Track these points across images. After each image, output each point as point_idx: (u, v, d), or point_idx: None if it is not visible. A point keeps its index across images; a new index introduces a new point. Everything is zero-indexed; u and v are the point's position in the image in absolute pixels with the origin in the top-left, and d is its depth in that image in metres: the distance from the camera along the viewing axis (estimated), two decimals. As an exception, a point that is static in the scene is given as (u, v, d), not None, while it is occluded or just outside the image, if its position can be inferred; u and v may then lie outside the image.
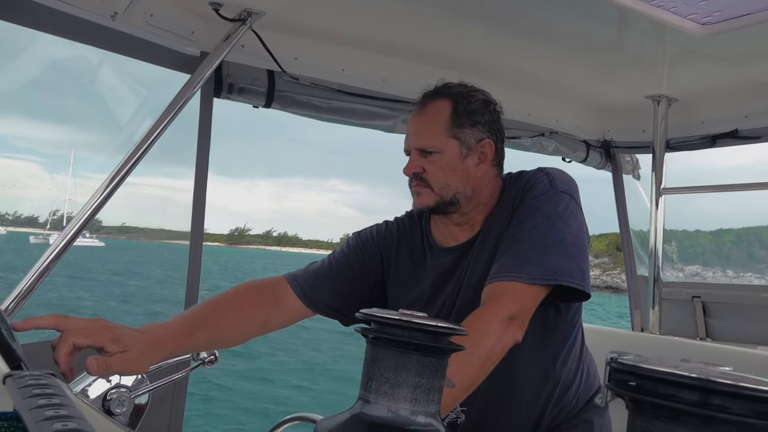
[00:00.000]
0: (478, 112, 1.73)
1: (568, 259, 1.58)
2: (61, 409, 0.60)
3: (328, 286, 1.81)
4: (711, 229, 4.26)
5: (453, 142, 1.70)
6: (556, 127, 3.29)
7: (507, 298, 1.51)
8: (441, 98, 1.74)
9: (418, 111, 1.77)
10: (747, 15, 1.97)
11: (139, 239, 72.48)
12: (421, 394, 0.71)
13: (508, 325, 1.46)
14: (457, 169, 1.70)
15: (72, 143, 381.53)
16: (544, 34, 2.34)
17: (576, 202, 1.69)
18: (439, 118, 1.71)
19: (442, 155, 1.69)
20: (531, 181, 1.71)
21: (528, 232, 1.60)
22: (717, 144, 3.11)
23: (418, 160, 1.71)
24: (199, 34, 2.23)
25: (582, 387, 1.79)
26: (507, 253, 1.59)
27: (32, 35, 1.95)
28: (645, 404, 0.59)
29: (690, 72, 2.68)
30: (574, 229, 1.64)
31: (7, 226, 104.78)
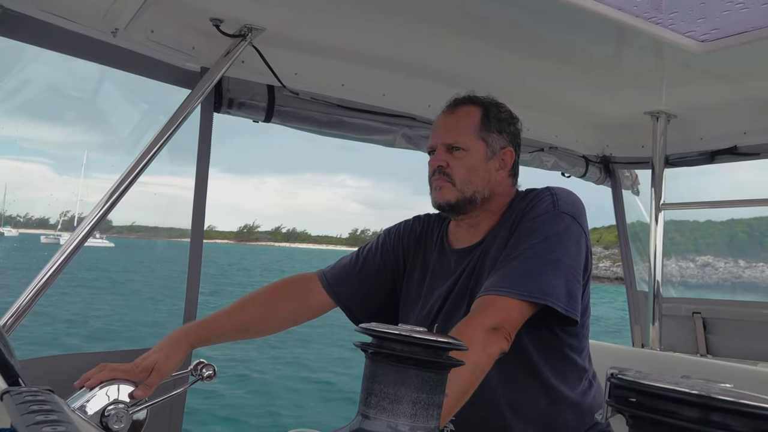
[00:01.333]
0: (505, 121, 1.84)
1: (559, 281, 1.58)
2: (58, 425, 0.59)
3: (353, 278, 1.96)
4: (722, 219, 4.22)
5: (480, 144, 1.78)
6: (555, 143, 3.29)
7: (492, 309, 1.53)
8: (472, 104, 1.83)
9: (448, 112, 1.85)
10: (745, 33, 1.98)
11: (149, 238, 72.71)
12: (420, 409, 0.71)
13: (492, 335, 1.48)
14: (480, 169, 1.78)
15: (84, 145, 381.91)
16: (543, 50, 2.35)
17: (578, 224, 1.69)
18: (470, 119, 1.80)
19: (468, 153, 1.77)
20: (535, 200, 1.73)
21: (524, 251, 1.62)
22: (716, 160, 3.12)
23: (443, 155, 1.78)
24: (200, 50, 2.24)
25: (585, 408, 1.77)
26: (500, 270, 1.61)
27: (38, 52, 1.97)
28: (645, 420, 0.59)
29: (689, 89, 2.68)
30: (572, 251, 1.64)
31: (19, 228, 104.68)
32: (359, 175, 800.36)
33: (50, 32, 1.95)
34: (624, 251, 3.63)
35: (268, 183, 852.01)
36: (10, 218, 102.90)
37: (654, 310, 3.20)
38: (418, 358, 0.70)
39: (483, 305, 1.55)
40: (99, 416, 1.52)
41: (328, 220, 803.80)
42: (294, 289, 1.97)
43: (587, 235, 1.71)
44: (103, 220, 2.04)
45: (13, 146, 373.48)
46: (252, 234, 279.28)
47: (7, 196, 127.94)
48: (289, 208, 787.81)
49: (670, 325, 3.29)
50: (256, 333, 1.96)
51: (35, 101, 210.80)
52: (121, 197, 2.05)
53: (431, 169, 1.80)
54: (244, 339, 2.02)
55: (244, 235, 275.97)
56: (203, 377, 1.80)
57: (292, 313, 1.95)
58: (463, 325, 1.50)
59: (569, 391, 1.75)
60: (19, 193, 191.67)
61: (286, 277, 2.02)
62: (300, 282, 1.99)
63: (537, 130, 3.19)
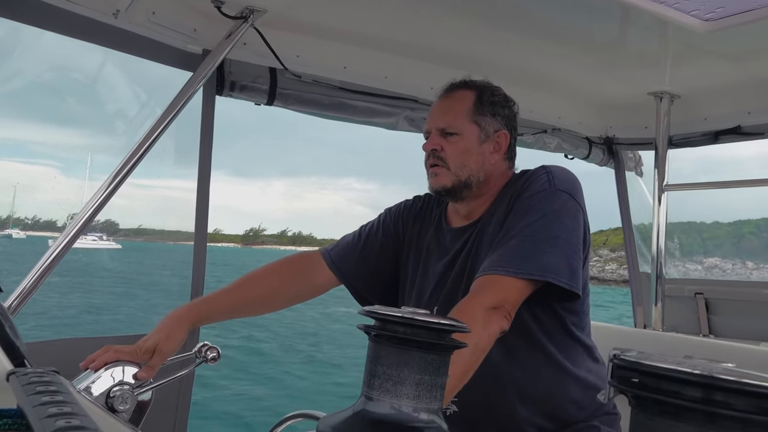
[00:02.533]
0: (499, 104, 1.84)
1: (559, 257, 1.59)
2: (64, 406, 0.60)
3: (356, 256, 1.98)
4: (730, 221, 4.21)
5: (473, 127, 1.79)
6: (558, 124, 3.28)
7: (490, 289, 1.54)
8: (466, 88, 1.84)
9: (444, 96, 1.87)
10: (750, 11, 1.96)
11: (156, 241, 73.44)
12: (423, 391, 0.71)
13: (492, 314, 1.49)
14: (473, 152, 1.79)
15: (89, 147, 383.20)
16: (546, 31, 2.33)
17: (575, 200, 1.70)
18: (463, 103, 1.81)
19: (461, 137, 1.78)
20: (531, 178, 1.74)
21: (521, 230, 1.63)
22: (719, 140, 3.11)
23: (437, 138, 1.80)
24: (201, 32, 2.23)
25: (590, 385, 1.78)
26: (499, 249, 1.62)
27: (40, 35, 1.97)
28: (648, 401, 0.59)
29: (692, 68, 2.67)
30: (570, 227, 1.65)
31: (27, 230, 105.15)
32: (365, 178, 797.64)
33: (51, 13, 1.94)
34: (627, 233, 3.62)
35: (273, 186, 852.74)
36: (18, 220, 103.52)
37: (657, 290, 3.21)
38: (420, 340, 0.70)
39: (482, 285, 1.56)
40: (104, 397, 1.53)
41: (334, 223, 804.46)
42: (298, 267, 1.99)
43: (584, 211, 1.72)
44: (104, 209, 2.04)
45: (21, 149, 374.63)
46: (258, 237, 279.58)
47: (15, 199, 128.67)
48: (295, 211, 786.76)
49: (673, 305, 3.30)
50: (259, 311, 1.97)
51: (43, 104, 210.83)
52: (125, 179, 2.05)
53: (426, 153, 1.82)
54: (246, 316, 2.03)
55: (250, 238, 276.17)
56: (207, 359, 1.82)
57: (297, 290, 1.98)
58: (463, 305, 1.52)
59: (574, 367, 1.76)
60: (28, 195, 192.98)
61: (289, 256, 2.04)
62: (304, 260, 2.01)
63: (540, 111, 3.17)
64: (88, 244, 75.88)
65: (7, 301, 1.85)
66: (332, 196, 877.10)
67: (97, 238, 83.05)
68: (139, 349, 1.64)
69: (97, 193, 2.03)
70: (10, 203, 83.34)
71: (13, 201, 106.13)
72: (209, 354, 1.82)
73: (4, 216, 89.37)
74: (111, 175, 2.05)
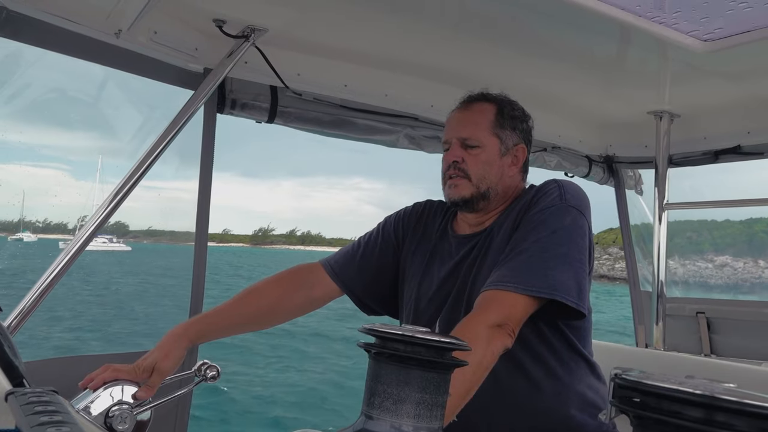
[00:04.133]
0: (518, 119, 1.87)
1: (568, 275, 1.59)
2: (62, 426, 0.59)
3: (356, 264, 1.98)
4: (741, 219, 4.17)
5: (494, 140, 1.81)
6: (558, 143, 3.29)
7: (495, 305, 1.53)
8: (486, 101, 1.85)
9: (463, 108, 1.87)
10: (749, 32, 1.97)
11: (166, 242, 73.40)
12: (423, 410, 0.71)
13: (495, 331, 1.48)
14: (494, 165, 1.80)
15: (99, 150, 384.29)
16: (546, 50, 2.35)
17: (585, 217, 1.70)
18: (484, 116, 1.82)
19: (483, 149, 1.79)
20: (542, 192, 1.74)
21: (531, 245, 1.62)
22: (719, 160, 3.11)
23: (459, 150, 1.80)
24: (203, 51, 2.24)
25: (587, 407, 1.76)
26: (507, 264, 1.61)
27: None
28: (649, 421, 0.59)
29: (692, 88, 2.68)
30: (579, 245, 1.65)
31: (38, 233, 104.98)
32: (373, 177, 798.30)
33: (53, 34, 1.96)
34: (627, 251, 3.62)
35: (282, 186, 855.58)
36: (29, 224, 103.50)
37: (658, 309, 3.20)
38: (421, 358, 0.70)
39: (487, 301, 1.55)
40: (103, 417, 1.52)
41: (342, 222, 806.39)
42: (298, 279, 1.97)
43: (591, 230, 1.72)
44: (108, 221, 2.05)
45: (32, 153, 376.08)
46: (267, 237, 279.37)
47: (26, 202, 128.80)
48: (304, 211, 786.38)
49: (674, 324, 3.29)
50: (260, 325, 1.96)
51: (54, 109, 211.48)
52: (125, 197, 2.05)
53: (446, 164, 1.82)
54: (247, 332, 2.02)
55: (259, 238, 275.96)
56: (207, 378, 1.81)
57: (298, 303, 1.95)
58: (467, 322, 1.51)
59: (574, 383, 1.75)
60: (38, 198, 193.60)
61: (290, 268, 2.01)
62: (304, 271, 2.00)
63: (540, 130, 3.15)
64: (98, 246, 75.97)
65: (7, 319, 1.85)
66: (341, 196, 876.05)
67: (107, 240, 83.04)
68: (138, 367, 1.64)
69: (101, 208, 2.03)
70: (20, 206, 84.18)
71: (23, 204, 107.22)
72: (209, 372, 1.81)
73: (16, 219, 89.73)
74: (115, 188, 2.05)
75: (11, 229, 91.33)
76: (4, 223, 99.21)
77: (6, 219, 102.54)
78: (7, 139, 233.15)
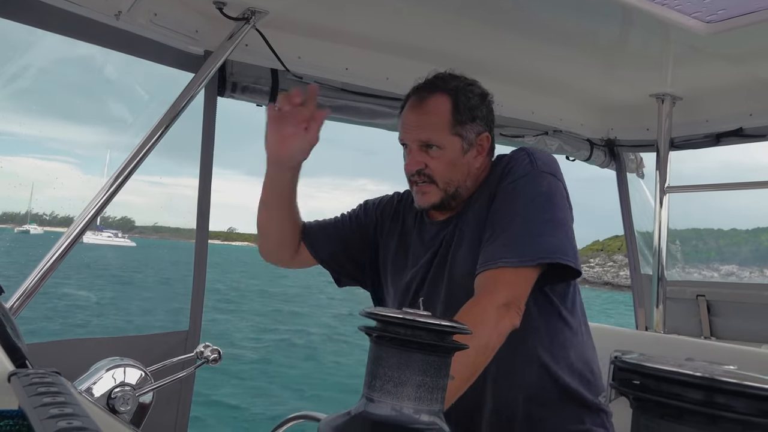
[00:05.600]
0: (477, 107, 1.75)
1: (561, 237, 1.58)
2: (65, 407, 0.60)
3: (328, 238, 1.97)
4: (748, 228, 4.16)
5: (455, 140, 1.72)
6: (559, 126, 3.28)
7: (499, 285, 1.52)
8: (439, 93, 1.74)
9: (417, 105, 1.76)
10: (752, 13, 1.96)
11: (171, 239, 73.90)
12: (424, 392, 0.71)
13: (504, 312, 1.48)
14: (458, 164, 1.73)
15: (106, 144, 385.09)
16: (548, 32, 2.33)
17: (559, 180, 1.68)
18: (440, 115, 1.72)
19: (444, 151, 1.71)
20: (512, 162, 1.71)
21: (513, 218, 1.61)
22: (721, 142, 3.10)
23: (419, 155, 1.73)
24: (203, 33, 2.23)
25: (579, 384, 1.73)
26: (495, 241, 1.59)
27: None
28: (649, 403, 0.59)
29: (694, 70, 2.67)
30: (561, 207, 1.64)
31: (45, 225, 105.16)
32: (379, 179, 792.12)
33: (53, 14, 1.94)
34: (628, 235, 3.62)
35: None
36: (36, 216, 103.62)
37: (658, 292, 3.21)
38: (421, 341, 0.70)
39: (490, 281, 1.54)
40: (106, 398, 1.53)
41: None
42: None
43: (567, 191, 1.70)
44: (105, 211, 2.05)
45: (39, 146, 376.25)
46: None
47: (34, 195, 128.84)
48: (309, 211, 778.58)
49: (674, 307, 3.29)
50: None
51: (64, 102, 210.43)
52: (126, 181, 2.05)
53: (409, 171, 1.76)
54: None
55: None
56: (208, 360, 1.82)
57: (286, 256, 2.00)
58: (473, 305, 1.50)
59: (560, 364, 1.71)
60: (45, 191, 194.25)
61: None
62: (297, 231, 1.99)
63: (541, 113, 3.17)
64: (103, 240, 75.95)
65: (9, 301, 1.86)
66: (346, 197, 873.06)
67: (113, 235, 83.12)
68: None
69: (99, 194, 2.03)
70: (27, 199, 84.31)
71: (30, 197, 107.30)
72: (210, 355, 1.82)
73: (23, 212, 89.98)
74: (112, 176, 2.05)
75: (18, 221, 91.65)
76: (11, 214, 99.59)
77: (13, 211, 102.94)
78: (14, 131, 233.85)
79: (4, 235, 62.25)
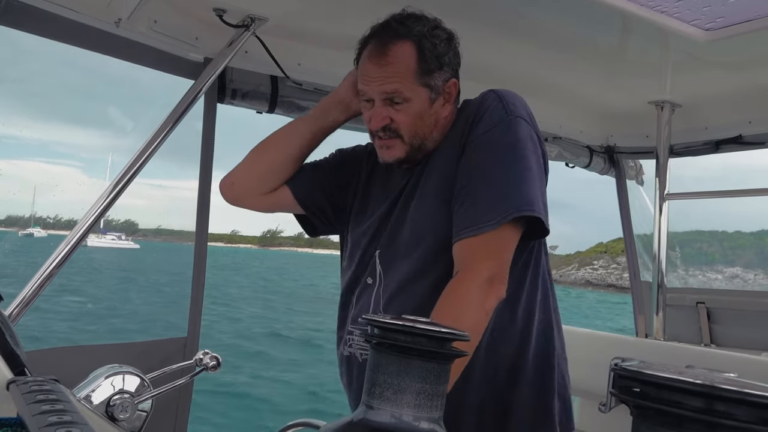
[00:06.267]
0: (444, 53, 1.64)
1: (534, 191, 1.51)
2: (64, 414, 0.60)
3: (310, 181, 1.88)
4: (752, 230, 4.14)
5: (422, 90, 1.61)
6: (559, 133, 3.28)
7: (480, 258, 1.46)
8: (403, 40, 1.61)
9: (378, 53, 1.63)
10: (751, 21, 1.97)
11: (173, 241, 73.36)
12: (424, 399, 0.71)
13: (487, 288, 1.44)
14: (425, 116, 1.63)
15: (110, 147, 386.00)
16: (547, 39, 2.34)
17: (533, 126, 1.61)
18: (405, 65, 1.59)
19: (411, 104, 1.61)
20: (483, 107, 1.61)
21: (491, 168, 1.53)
22: (720, 150, 3.11)
23: (384, 110, 1.62)
24: (203, 40, 2.24)
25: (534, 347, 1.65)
26: (474, 203, 1.52)
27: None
28: (649, 410, 0.59)
29: (693, 78, 2.67)
30: (538, 155, 1.58)
31: (48, 228, 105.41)
32: None
33: (53, 22, 1.95)
34: (628, 242, 3.62)
35: None
36: (40, 219, 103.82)
37: (658, 300, 3.20)
38: (421, 348, 0.70)
39: (470, 253, 1.48)
40: (105, 406, 1.53)
41: None
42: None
43: (540, 138, 1.63)
44: (107, 214, 2.05)
45: (45, 150, 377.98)
46: (275, 239, 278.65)
47: (38, 198, 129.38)
48: None
49: (674, 315, 3.29)
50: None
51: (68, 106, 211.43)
52: (126, 186, 2.05)
53: (372, 126, 1.66)
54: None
55: (267, 240, 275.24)
56: (208, 367, 1.81)
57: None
58: (457, 284, 1.45)
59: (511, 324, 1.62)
60: (49, 195, 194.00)
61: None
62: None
63: (541, 120, 3.12)
64: (107, 243, 75.89)
65: (8, 308, 1.85)
66: None
67: (116, 238, 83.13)
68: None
69: (100, 199, 2.03)
70: (30, 203, 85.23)
71: (33, 200, 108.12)
72: (210, 362, 1.82)
73: (27, 215, 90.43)
74: (116, 177, 2.05)
75: (22, 224, 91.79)
76: (15, 218, 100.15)
77: (17, 214, 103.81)
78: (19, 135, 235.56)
79: (8, 237, 62.30)
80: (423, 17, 1.67)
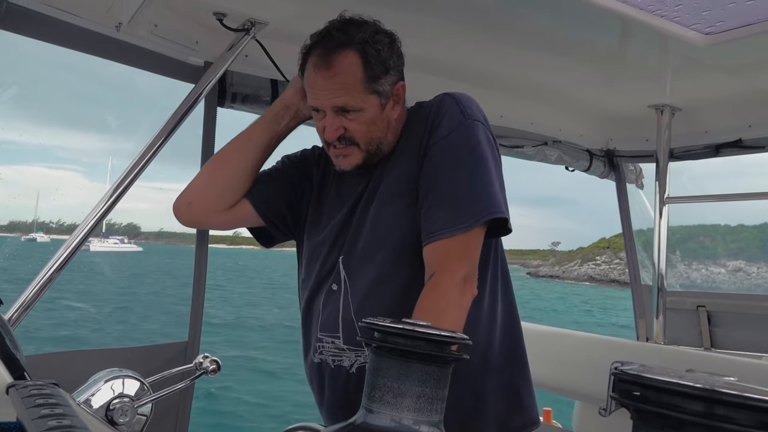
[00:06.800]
0: (389, 58, 1.66)
1: (498, 191, 1.56)
2: (63, 419, 0.59)
3: (268, 191, 1.86)
4: (755, 223, 4.13)
5: (372, 98, 1.62)
6: (559, 136, 3.29)
7: (454, 259, 1.50)
8: (347, 49, 1.61)
9: (323, 65, 1.61)
10: (750, 25, 1.97)
11: (176, 244, 73.59)
12: (424, 403, 0.71)
13: (463, 287, 1.48)
14: (377, 121, 1.64)
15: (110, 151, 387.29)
16: (547, 43, 2.34)
17: (488, 127, 1.64)
18: (352, 75, 1.60)
19: (363, 112, 1.62)
20: (441, 111, 1.64)
21: (454, 172, 1.57)
22: (720, 153, 3.12)
23: (337, 120, 1.63)
24: (203, 44, 2.24)
25: (500, 335, 1.69)
26: (442, 206, 1.55)
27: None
28: (649, 414, 0.59)
29: (693, 81, 2.68)
30: (496, 157, 1.62)
31: (51, 233, 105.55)
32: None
33: (54, 27, 1.95)
34: (628, 246, 3.62)
35: None
36: (43, 224, 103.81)
37: (658, 303, 3.20)
38: (421, 352, 0.70)
39: (443, 255, 1.52)
40: (104, 410, 1.52)
41: None
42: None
43: (495, 138, 1.66)
44: (109, 217, 2.05)
45: (47, 154, 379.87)
46: None
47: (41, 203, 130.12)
48: None
49: (675, 318, 3.29)
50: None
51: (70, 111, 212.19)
52: (126, 191, 2.05)
53: (327, 138, 1.66)
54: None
55: None
56: (207, 371, 1.81)
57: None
58: (435, 285, 1.49)
59: (492, 303, 1.68)
60: (51, 199, 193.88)
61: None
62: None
63: (541, 123, 3.18)
64: (109, 247, 75.93)
65: (8, 312, 1.85)
66: None
67: (119, 241, 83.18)
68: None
69: (100, 203, 2.03)
70: (32, 207, 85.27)
71: (36, 205, 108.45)
72: (209, 366, 1.82)
73: (29, 220, 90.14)
74: (116, 182, 2.05)
75: (24, 229, 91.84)
76: (17, 223, 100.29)
77: (20, 219, 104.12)
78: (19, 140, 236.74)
79: (10, 242, 62.37)
80: (363, 22, 1.67)
